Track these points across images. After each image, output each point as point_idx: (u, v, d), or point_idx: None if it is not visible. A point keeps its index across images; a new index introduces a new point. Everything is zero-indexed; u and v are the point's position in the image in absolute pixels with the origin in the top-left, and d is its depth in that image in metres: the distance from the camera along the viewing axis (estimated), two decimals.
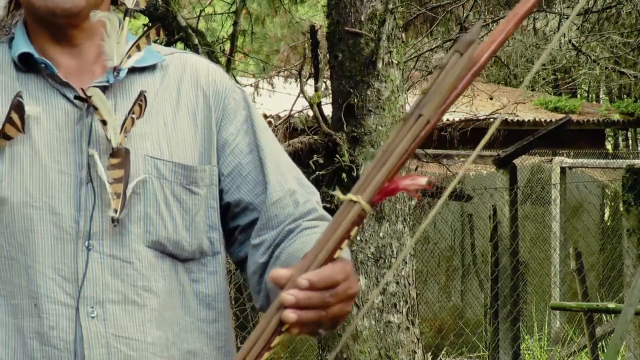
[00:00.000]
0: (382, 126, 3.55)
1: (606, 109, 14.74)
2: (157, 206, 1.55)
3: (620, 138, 17.88)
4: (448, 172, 6.96)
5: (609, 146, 16.88)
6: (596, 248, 10.60)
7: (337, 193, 1.18)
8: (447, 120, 8.25)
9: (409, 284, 3.61)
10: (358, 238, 3.56)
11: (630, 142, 17.41)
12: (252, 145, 1.64)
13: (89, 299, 1.52)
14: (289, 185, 1.63)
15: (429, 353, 7.59)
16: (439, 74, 1.09)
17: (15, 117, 1.53)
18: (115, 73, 1.58)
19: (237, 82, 4.48)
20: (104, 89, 1.56)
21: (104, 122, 1.53)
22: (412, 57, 6.37)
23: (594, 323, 5.91)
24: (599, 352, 6.04)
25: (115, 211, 1.50)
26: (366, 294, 3.56)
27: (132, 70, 1.61)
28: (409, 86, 6.22)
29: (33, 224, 1.52)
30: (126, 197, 1.51)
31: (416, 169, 5.86)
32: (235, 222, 1.65)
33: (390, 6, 3.55)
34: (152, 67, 1.64)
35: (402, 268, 3.59)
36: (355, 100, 3.55)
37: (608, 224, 11.18)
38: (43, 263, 1.52)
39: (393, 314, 3.57)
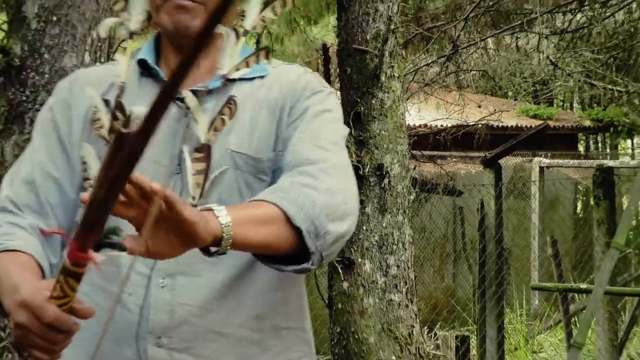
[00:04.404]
0: (384, 131, 3.54)
1: (579, 116, 14.66)
2: (230, 193, 1.52)
3: (591, 141, 17.79)
4: (442, 170, 6.93)
5: (581, 148, 16.79)
6: (570, 236, 10.56)
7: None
8: (441, 126, 8.23)
9: (408, 267, 3.60)
10: (364, 227, 3.56)
11: (599, 144, 17.32)
12: (302, 125, 1.59)
13: (162, 271, 1.50)
14: (306, 154, 1.54)
15: (425, 327, 7.57)
16: None
17: (119, 114, 1.52)
18: (223, 80, 1.56)
19: None
20: (208, 92, 1.55)
21: (196, 121, 1.52)
22: (410, 71, 6.35)
23: (568, 301, 5.89)
24: (572, 326, 6.02)
25: (194, 198, 1.47)
26: (371, 276, 3.56)
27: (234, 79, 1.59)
28: (408, 96, 6.21)
29: None
30: (204, 187, 1.47)
31: (414, 168, 5.84)
32: None
33: (392, 27, 3.54)
34: (252, 78, 1.62)
35: (403, 254, 3.58)
36: (362, 108, 3.54)
37: (580, 215, 11.14)
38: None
39: (394, 294, 3.56)
